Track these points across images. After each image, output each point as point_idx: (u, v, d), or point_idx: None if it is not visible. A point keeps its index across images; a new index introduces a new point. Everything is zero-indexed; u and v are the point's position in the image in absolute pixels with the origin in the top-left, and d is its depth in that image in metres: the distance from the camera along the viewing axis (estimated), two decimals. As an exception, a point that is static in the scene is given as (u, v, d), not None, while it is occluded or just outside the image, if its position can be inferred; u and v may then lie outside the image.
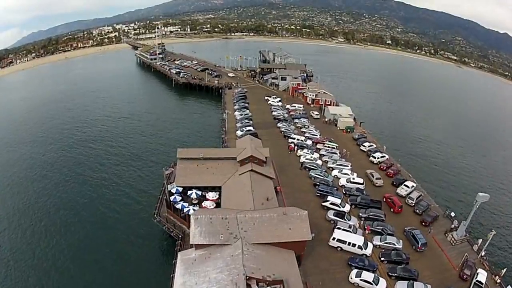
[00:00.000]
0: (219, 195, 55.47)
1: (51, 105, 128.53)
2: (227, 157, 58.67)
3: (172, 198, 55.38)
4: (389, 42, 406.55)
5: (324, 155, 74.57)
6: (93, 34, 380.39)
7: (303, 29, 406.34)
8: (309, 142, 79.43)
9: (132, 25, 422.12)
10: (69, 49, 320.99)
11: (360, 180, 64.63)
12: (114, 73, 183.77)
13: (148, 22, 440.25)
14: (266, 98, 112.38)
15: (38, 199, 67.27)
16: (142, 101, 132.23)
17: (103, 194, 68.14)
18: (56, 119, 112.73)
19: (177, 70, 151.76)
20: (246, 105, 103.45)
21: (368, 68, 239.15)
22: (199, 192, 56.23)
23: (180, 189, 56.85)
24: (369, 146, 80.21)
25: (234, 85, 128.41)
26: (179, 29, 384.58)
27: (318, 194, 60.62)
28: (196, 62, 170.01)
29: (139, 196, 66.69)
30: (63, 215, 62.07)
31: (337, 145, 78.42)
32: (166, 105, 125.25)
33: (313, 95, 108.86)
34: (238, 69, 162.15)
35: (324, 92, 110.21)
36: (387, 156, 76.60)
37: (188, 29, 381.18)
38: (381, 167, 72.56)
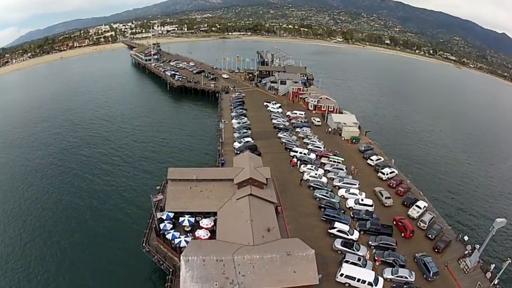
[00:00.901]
0: (214, 221, 48.75)
1: (42, 108, 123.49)
2: (223, 179, 51.73)
3: (162, 225, 48.57)
4: (388, 42, 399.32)
5: (329, 171, 67.78)
6: (90, 33, 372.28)
7: (301, 29, 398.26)
8: (312, 155, 72.44)
9: (130, 24, 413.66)
10: (65, 48, 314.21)
11: (370, 202, 57.90)
12: (108, 74, 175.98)
13: (145, 21, 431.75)
14: (265, 103, 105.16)
15: (20, 213, 61.95)
16: (135, 104, 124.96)
17: (91, 210, 62.40)
18: (46, 123, 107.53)
19: (172, 72, 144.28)
20: (244, 111, 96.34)
21: (368, 69, 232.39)
22: (192, 219, 49.45)
23: (171, 214, 50.01)
24: (377, 160, 73.45)
25: (232, 89, 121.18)
26: (176, 29, 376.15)
27: (324, 219, 53.93)
28: (193, 63, 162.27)
29: (130, 211, 60.83)
30: (46, 232, 56.58)
31: (343, 159, 71.48)
32: (161, 110, 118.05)
33: (315, 101, 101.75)
34: (236, 71, 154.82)
35: (326, 98, 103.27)
36: (396, 171, 69.99)
37: (185, 29, 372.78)
38: (391, 184, 65.94)
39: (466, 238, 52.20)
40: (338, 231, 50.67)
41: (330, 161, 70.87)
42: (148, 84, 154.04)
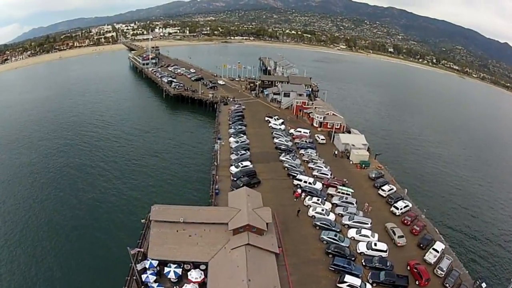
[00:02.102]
0: (205, 273, 40.26)
1: (32, 111, 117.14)
2: (215, 223, 43.07)
3: (144, 276, 40.08)
4: (391, 50, 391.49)
5: (337, 205, 59.12)
6: (92, 33, 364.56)
7: (305, 35, 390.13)
8: (318, 185, 63.70)
9: (132, 25, 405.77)
10: (65, 48, 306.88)
11: (383, 247, 49.24)
12: (105, 77, 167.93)
13: (148, 22, 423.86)
14: (266, 119, 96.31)
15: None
16: (129, 113, 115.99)
17: (67, 240, 54.06)
18: (35, 127, 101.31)
19: (169, 79, 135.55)
20: (243, 128, 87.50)
21: (373, 79, 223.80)
22: (179, 270, 40.93)
23: (155, 262, 41.46)
24: (389, 191, 64.82)
25: (231, 99, 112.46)
26: (178, 31, 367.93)
27: (333, 269, 45.37)
28: (193, 70, 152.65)
29: (113, 244, 51.89)
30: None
31: (352, 190, 62.78)
32: (155, 120, 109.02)
33: (321, 118, 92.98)
34: (236, 79, 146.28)
35: (333, 114, 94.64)
36: (410, 205, 61.45)
37: (187, 32, 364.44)
38: (405, 221, 57.28)
39: (484, 285, 45.62)
40: (349, 286, 42.28)
41: (338, 192, 62.11)
42: (145, 90, 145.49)
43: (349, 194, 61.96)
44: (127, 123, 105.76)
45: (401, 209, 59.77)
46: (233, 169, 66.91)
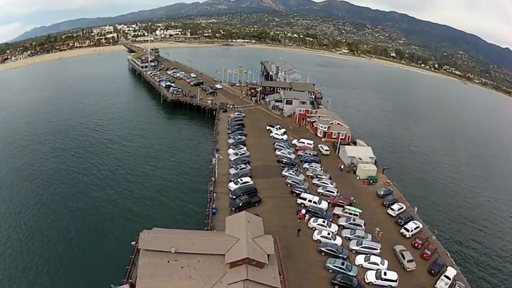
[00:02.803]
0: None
1: (28, 114, 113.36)
2: (211, 254, 38.29)
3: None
4: (394, 55, 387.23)
5: (344, 227, 54.34)
6: (93, 34, 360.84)
7: (306, 38, 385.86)
8: (324, 204, 58.88)
9: (134, 26, 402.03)
10: (65, 48, 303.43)
11: (394, 276, 44.45)
12: (103, 79, 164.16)
13: (150, 24, 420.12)
14: (268, 127, 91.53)
15: None
16: (125, 118, 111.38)
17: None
18: (28, 132, 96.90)
19: (168, 83, 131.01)
20: (243, 138, 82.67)
21: (377, 84, 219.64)
22: (168, 307, 36.25)
23: (142, 297, 36.76)
24: (398, 210, 60.09)
25: (231, 106, 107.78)
26: (179, 33, 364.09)
27: (340, 304, 40.71)
28: (194, 76, 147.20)
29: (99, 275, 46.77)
30: None
31: (361, 211, 57.98)
32: (152, 127, 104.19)
33: (325, 127, 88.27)
34: (237, 84, 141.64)
35: (338, 123, 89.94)
36: (421, 225, 56.73)
37: (189, 34, 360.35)
38: (415, 244, 52.49)
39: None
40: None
41: (345, 212, 57.33)
42: (142, 94, 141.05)
43: (357, 215, 57.14)
44: (123, 129, 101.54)
45: (411, 230, 55.07)
46: (232, 185, 62.09)
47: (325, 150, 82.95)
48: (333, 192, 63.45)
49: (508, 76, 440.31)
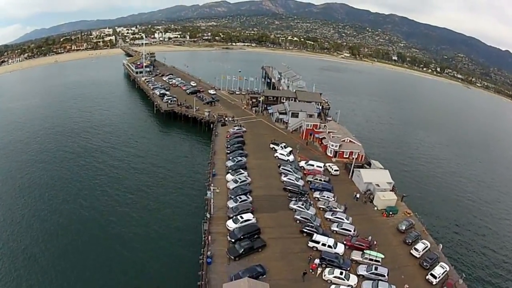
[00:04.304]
0: None
1: (15, 122, 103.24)
2: None
3: None
4: (395, 58, 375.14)
5: (364, 277, 42.09)
6: (92, 36, 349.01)
7: (307, 42, 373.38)
8: (340, 247, 46.52)
9: (133, 28, 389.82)
10: (62, 51, 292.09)
11: None
12: (96, 86, 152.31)
13: (149, 26, 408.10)
14: (271, 146, 78.89)
15: None
16: (116, 131, 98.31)
17: None
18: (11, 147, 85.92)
19: (162, 91, 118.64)
20: (244, 159, 69.86)
21: (382, 90, 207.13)
22: None
23: None
24: (423, 250, 48.24)
25: (230, 119, 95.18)
26: (178, 36, 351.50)
27: None
28: (194, 84, 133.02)
29: None
30: None
31: (383, 256, 45.68)
32: (144, 141, 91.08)
33: (336, 146, 75.78)
34: (237, 92, 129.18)
35: (350, 140, 77.51)
36: (447, 268, 45.18)
37: (188, 37, 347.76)
38: (443, 294, 40.81)
39: None
40: None
41: (365, 258, 45.05)
42: (136, 103, 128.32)
43: (378, 261, 45.02)
44: (112, 143, 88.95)
45: (438, 276, 43.78)
46: (231, 224, 49.71)
47: (335, 170, 70.79)
48: (350, 230, 51.17)
49: (508, 79, 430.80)
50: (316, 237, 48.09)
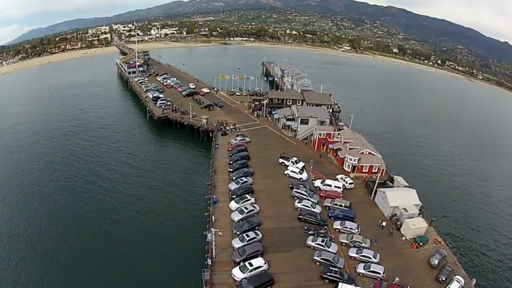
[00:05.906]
0: None
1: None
2: None
3: None
4: (396, 51, 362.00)
5: None
6: (88, 34, 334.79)
7: (307, 35, 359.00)
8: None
9: (130, 25, 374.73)
10: (56, 51, 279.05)
11: None
12: (88, 87, 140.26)
13: (146, 23, 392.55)
14: (281, 160, 67.42)
15: None
16: (105, 141, 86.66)
17: None
18: None
19: (156, 94, 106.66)
20: (249, 180, 58.38)
21: (387, 85, 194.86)
22: None
23: None
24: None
25: (231, 127, 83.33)
26: (175, 32, 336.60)
27: None
28: (193, 86, 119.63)
29: None
30: None
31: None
32: (135, 154, 79.60)
33: (355, 161, 64.52)
34: (237, 93, 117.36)
35: (369, 152, 66.23)
36: None
37: (185, 32, 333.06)
38: None
39: None
40: None
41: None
42: (128, 108, 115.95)
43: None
44: (100, 155, 78.06)
45: None
46: (237, 273, 38.79)
47: (349, 183, 60.07)
48: (379, 273, 40.33)
49: (508, 71, 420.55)
50: (342, 285, 37.38)
